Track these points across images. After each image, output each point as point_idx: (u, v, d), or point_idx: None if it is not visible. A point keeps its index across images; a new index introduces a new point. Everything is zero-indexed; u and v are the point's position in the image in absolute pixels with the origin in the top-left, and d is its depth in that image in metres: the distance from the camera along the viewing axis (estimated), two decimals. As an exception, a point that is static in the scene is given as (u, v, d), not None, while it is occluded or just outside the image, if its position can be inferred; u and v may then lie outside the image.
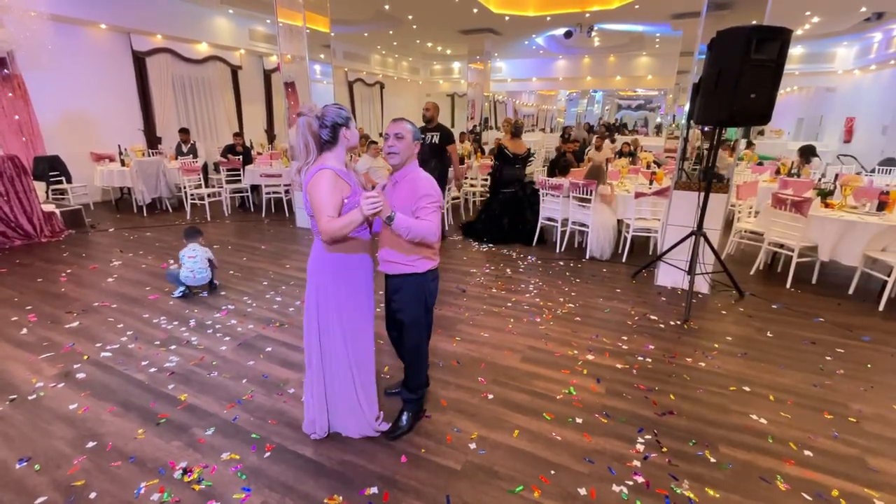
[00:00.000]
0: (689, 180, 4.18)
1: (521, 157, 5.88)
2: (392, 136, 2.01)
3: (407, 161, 2.05)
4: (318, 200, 1.84)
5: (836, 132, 13.50)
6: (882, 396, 2.65)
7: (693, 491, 1.94)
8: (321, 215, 1.83)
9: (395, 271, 2.12)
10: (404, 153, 2.02)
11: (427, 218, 1.94)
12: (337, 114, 1.92)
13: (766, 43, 3.26)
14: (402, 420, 2.29)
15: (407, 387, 2.32)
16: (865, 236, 4.00)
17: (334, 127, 1.91)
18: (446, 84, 19.97)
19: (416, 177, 2.04)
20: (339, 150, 1.96)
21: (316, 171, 1.88)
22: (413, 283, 2.11)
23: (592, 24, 11.15)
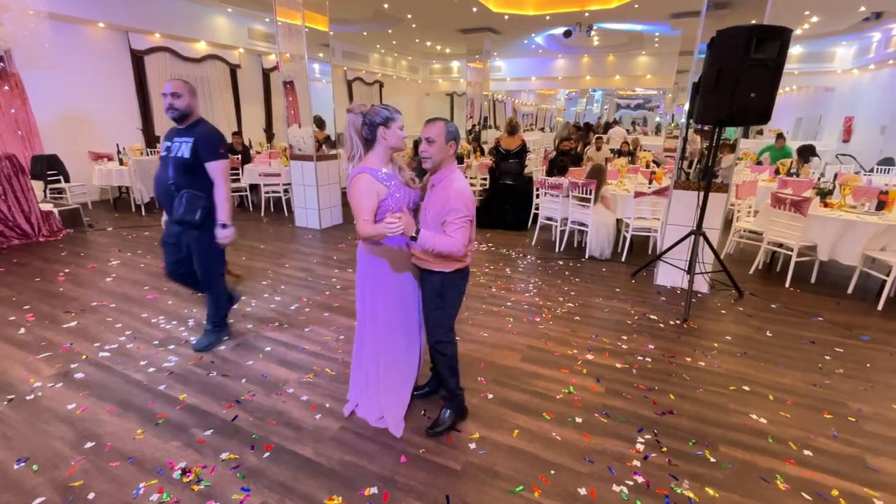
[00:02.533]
0: (689, 180, 4.18)
1: (512, 151, 6.48)
2: (424, 141, 1.97)
3: (442, 164, 2.01)
4: (355, 203, 1.99)
5: (834, 132, 13.51)
6: (881, 396, 2.66)
7: (693, 491, 1.94)
8: (358, 218, 1.98)
9: (423, 266, 2.12)
10: (436, 157, 1.97)
11: (453, 234, 1.93)
12: (377, 112, 1.98)
13: (765, 42, 3.26)
14: (444, 415, 2.31)
15: (440, 381, 2.32)
16: (864, 236, 4.01)
17: (372, 126, 1.98)
18: (445, 83, 19.95)
19: (448, 185, 1.98)
20: (379, 149, 2.03)
21: (356, 174, 1.99)
22: (434, 277, 2.10)
23: (592, 23, 11.15)
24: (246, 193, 7.73)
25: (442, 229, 1.97)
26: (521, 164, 6.59)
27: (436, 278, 2.10)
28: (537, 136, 15.71)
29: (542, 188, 5.64)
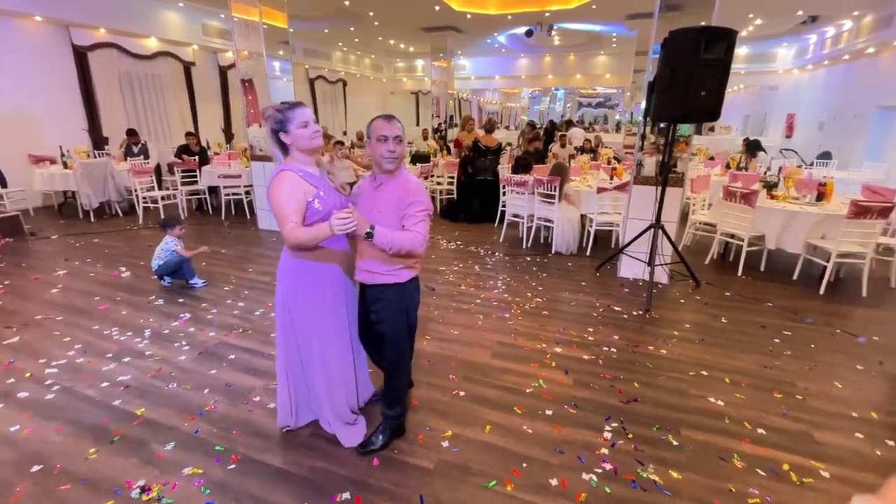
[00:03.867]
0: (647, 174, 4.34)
1: (492, 149, 6.77)
2: (392, 140, 1.84)
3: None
4: (278, 206, 1.80)
5: (778, 128, 14.36)
6: (824, 374, 2.85)
7: (658, 474, 2.02)
8: (284, 222, 1.78)
9: (373, 281, 1.98)
10: (401, 156, 1.91)
11: (414, 228, 1.82)
12: (271, 118, 1.83)
13: (714, 43, 3.42)
14: (377, 437, 2.14)
15: (385, 401, 2.17)
16: (806, 225, 4.28)
17: (272, 132, 1.86)
18: (410, 82, 19.87)
19: (404, 180, 1.91)
20: (296, 153, 1.89)
21: (277, 172, 1.84)
22: (394, 293, 1.97)
23: (552, 23, 11.38)
24: (205, 196, 7.43)
25: (399, 225, 1.86)
26: (497, 162, 6.88)
27: (392, 293, 1.97)
28: (503, 134, 15.88)
29: (508, 186, 5.71)
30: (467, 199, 6.92)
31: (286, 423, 2.23)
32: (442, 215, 7.12)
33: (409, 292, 2.01)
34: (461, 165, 7.08)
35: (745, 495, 1.92)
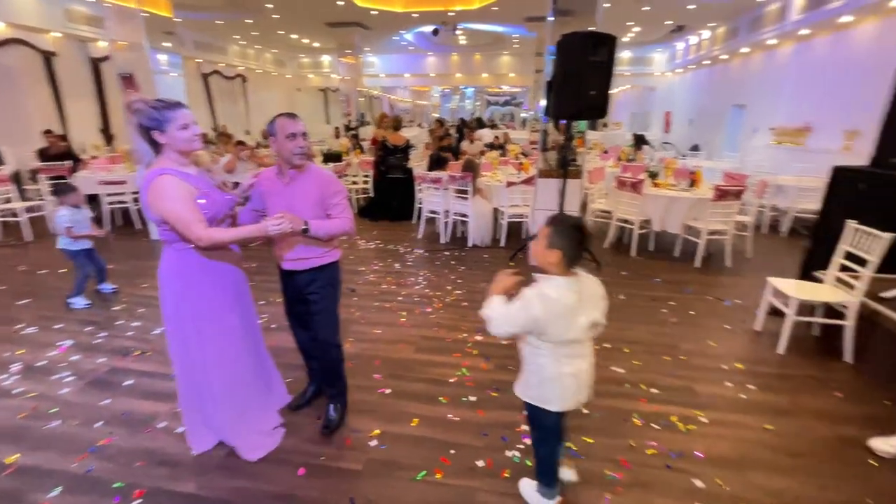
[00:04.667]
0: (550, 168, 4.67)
1: (400, 147, 6.72)
2: (300, 136, 1.92)
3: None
4: (172, 212, 1.69)
5: (659, 124, 16.20)
6: (702, 335, 3.31)
7: (573, 441, 2.21)
8: (190, 225, 1.70)
9: (307, 266, 2.07)
10: (309, 151, 2.00)
11: (342, 215, 2.01)
12: (146, 114, 1.69)
13: (599, 47, 3.77)
14: (331, 412, 2.27)
15: (327, 381, 2.32)
16: (683, 208, 4.92)
17: (144, 129, 1.72)
18: (317, 78, 19.15)
19: (318, 172, 2.03)
20: (170, 153, 1.76)
21: (154, 176, 1.70)
22: (328, 269, 2.13)
23: (456, 22, 11.67)
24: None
25: (323, 215, 1.99)
26: (406, 159, 6.89)
27: (329, 272, 2.12)
28: (415, 132, 15.98)
29: (423, 183, 5.78)
30: (385, 197, 6.90)
31: (200, 445, 2.08)
32: (361, 214, 7.03)
33: (338, 268, 2.19)
34: (376, 164, 7.05)
35: (644, 448, 2.18)
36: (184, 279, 1.86)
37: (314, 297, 2.13)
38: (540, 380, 1.60)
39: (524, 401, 1.69)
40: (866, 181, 3.26)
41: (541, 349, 1.57)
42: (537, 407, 1.64)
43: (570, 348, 1.56)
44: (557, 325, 1.49)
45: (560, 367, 1.56)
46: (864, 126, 6.22)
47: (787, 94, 8.73)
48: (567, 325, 1.51)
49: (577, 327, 1.52)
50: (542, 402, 1.62)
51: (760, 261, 4.99)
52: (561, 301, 1.47)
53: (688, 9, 9.82)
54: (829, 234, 3.22)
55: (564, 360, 1.56)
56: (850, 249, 2.93)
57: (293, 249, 2.04)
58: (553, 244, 1.46)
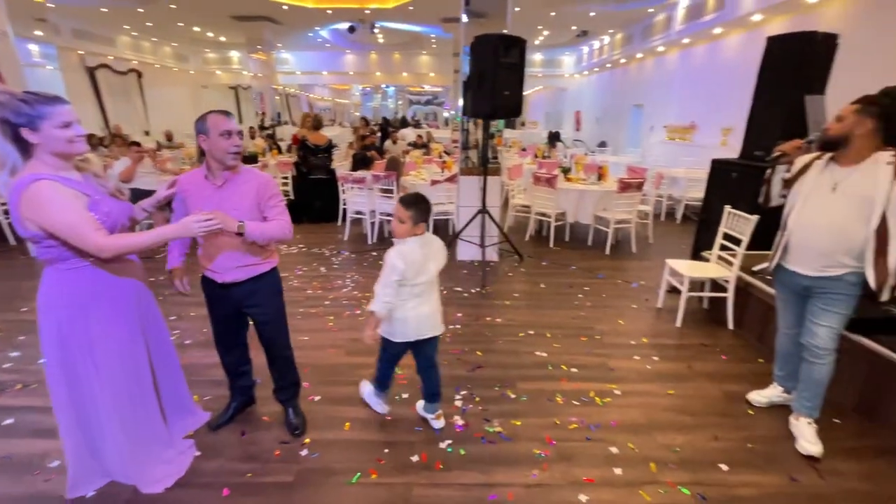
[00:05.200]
0: (471, 166, 4.81)
1: (322, 147, 6.51)
2: (235, 134, 1.82)
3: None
4: (63, 222, 1.47)
5: (570, 122, 17.31)
6: (613, 316, 3.62)
7: (502, 426, 2.31)
8: (86, 234, 1.49)
9: (248, 275, 1.97)
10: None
11: (280, 217, 1.92)
12: (15, 108, 1.43)
13: (510, 49, 3.94)
14: (291, 416, 2.25)
15: (284, 387, 2.26)
16: (593, 200, 5.32)
17: (10, 126, 1.44)
18: (226, 75, 17.90)
19: (254, 173, 1.94)
20: (45, 156, 1.51)
21: (25, 185, 1.44)
22: (270, 277, 2.06)
23: (373, 21, 11.53)
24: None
25: (259, 218, 1.92)
26: (329, 159, 6.68)
27: (268, 278, 2.05)
28: (337, 131, 15.57)
29: (346, 183, 5.66)
30: (307, 199, 6.66)
31: (79, 488, 1.84)
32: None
33: (278, 274, 2.12)
34: (297, 165, 6.78)
35: (567, 424, 2.34)
36: (71, 305, 1.63)
37: (257, 310, 2.05)
38: (390, 318, 2.05)
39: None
40: (737, 171, 3.77)
41: (411, 292, 2.01)
42: (385, 338, 2.14)
43: (419, 292, 2.02)
44: (416, 271, 1.97)
45: (406, 311, 2.03)
46: (736, 124, 7.17)
47: (676, 96, 9.78)
48: (419, 270, 1.99)
49: (427, 272, 2.02)
50: (389, 335, 2.11)
51: (660, 245, 5.56)
52: (414, 252, 1.96)
53: (590, 16, 10.60)
54: (712, 219, 3.68)
55: (411, 304, 2.02)
56: (727, 231, 3.37)
57: (226, 258, 1.91)
58: (404, 213, 1.95)
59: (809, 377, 2.16)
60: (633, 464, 2.08)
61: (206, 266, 1.96)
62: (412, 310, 2.03)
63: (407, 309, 2.02)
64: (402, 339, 2.08)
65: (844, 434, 2.29)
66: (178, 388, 2.13)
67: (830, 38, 3.46)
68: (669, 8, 9.19)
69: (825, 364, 2.10)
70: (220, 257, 1.92)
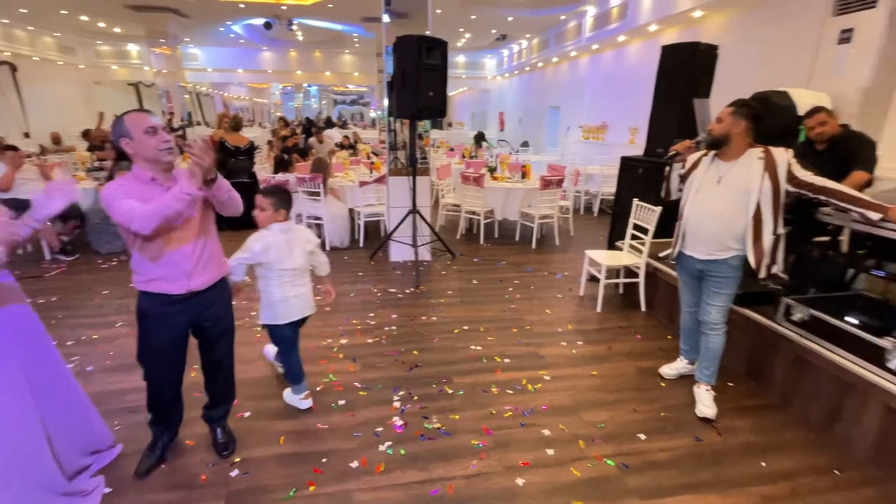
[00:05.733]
0: (399, 167, 4.81)
1: (242, 148, 6.15)
2: (161, 129, 1.69)
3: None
4: None
5: (495, 123, 17.88)
6: (541, 306, 3.81)
7: (441, 422, 2.35)
8: None
9: (216, 278, 1.89)
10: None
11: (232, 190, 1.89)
12: None
13: (432, 50, 4.00)
14: (220, 436, 2.12)
15: (223, 402, 2.15)
16: (518, 198, 5.56)
17: None
18: (123, 70, 16.19)
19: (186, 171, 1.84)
20: None
21: None
22: (225, 282, 2.00)
23: (290, 17, 11.07)
24: None
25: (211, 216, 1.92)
26: (251, 162, 6.31)
27: (223, 285, 1.98)
28: (257, 132, 14.72)
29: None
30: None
31: None
32: None
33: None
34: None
35: (503, 412, 2.43)
36: None
37: (215, 322, 1.93)
38: (270, 303, 2.22)
39: (263, 324, 2.29)
40: (643, 167, 4.14)
41: (270, 280, 2.21)
42: (272, 325, 2.27)
43: (291, 278, 2.22)
44: (279, 255, 2.16)
45: (284, 292, 2.21)
46: (641, 124, 7.85)
47: (589, 98, 10.49)
48: (285, 254, 2.18)
49: (294, 257, 2.21)
50: (273, 320, 2.25)
51: (580, 237, 5.94)
52: (274, 236, 2.15)
53: (508, 20, 11.03)
54: (623, 211, 4.01)
55: (287, 287, 2.22)
56: (637, 222, 3.69)
57: (196, 255, 1.78)
58: (264, 201, 2.16)
59: (707, 348, 2.44)
60: (564, 443, 2.22)
61: (164, 275, 1.73)
62: (291, 291, 2.23)
63: (286, 291, 2.22)
64: (287, 321, 2.24)
65: (738, 395, 2.62)
66: (79, 425, 1.90)
67: (712, 49, 3.93)
68: (579, 16, 9.83)
69: (719, 336, 2.39)
70: (190, 256, 1.76)
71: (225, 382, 2.14)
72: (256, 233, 2.17)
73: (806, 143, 3.06)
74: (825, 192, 2.08)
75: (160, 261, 1.72)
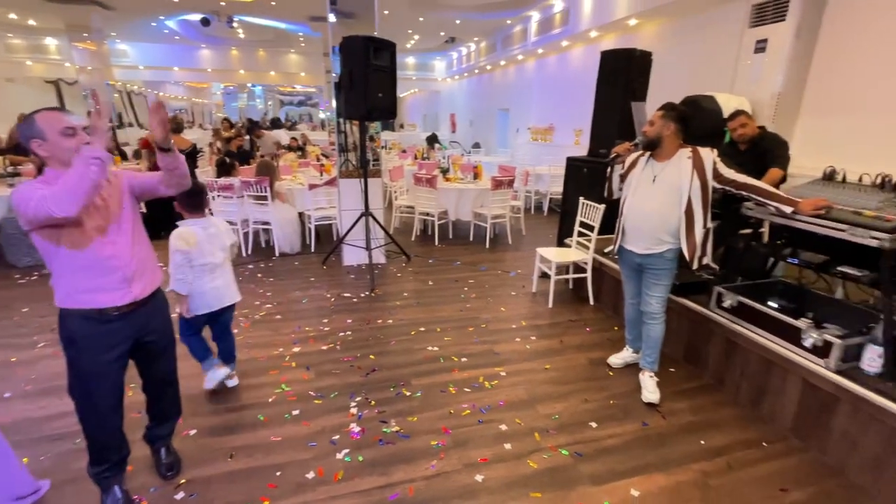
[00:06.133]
0: (351, 169, 4.73)
1: (185, 152, 5.65)
2: (80, 129, 1.55)
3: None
4: None
5: (447, 124, 18.00)
6: (496, 304, 3.88)
7: (399, 425, 2.33)
8: None
9: (155, 286, 1.78)
10: None
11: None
12: None
13: (380, 52, 3.97)
14: (164, 457, 2.00)
15: (170, 418, 2.03)
16: (470, 198, 5.63)
17: None
18: (40, 66, 14.78)
19: (114, 172, 1.74)
20: None
21: None
22: (161, 295, 1.87)
23: (231, 13, 10.59)
24: None
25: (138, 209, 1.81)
26: (194, 165, 5.89)
27: (160, 296, 1.87)
28: (197, 134, 13.91)
29: (211, 191, 5.12)
30: (166, 212, 5.83)
31: None
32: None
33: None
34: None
35: (461, 411, 2.46)
36: None
37: (157, 336, 1.81)
38: (190, 294, 2.27)
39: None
40: (587, 167, 4.33)
41: (201, 271, 2.27)
42: (188, 317, 2.32)
43: (212, 270, 2.31)
44: (200, 250, 2.24)
45: (204, 284, 2.29)
46: (585, 125, 8.19)
47: (536, 100, 10.81)
48: (206, 250, 2.27)
49: (213, 251, 2.30)
50: (193, 311, 2.30)
51: (532, 236, 6.11)
52: (191, 232, 2.24)
53: (456, 23, 11.15)
54: (571, 210, 4.17)
55: (208, 278, 2.30)
56: (583, 220, 3.85)
57: (134, 259, 1.65)
58: (181, 203, 2.28)
59: (648, 337, 2.59)
60: (521, 437, 2.27)
61: (100, 286, 1.55)
62: (208, 283, 2.31)
63: (204, 284, 2.30)
64: (204, 311, 2.34)
65: (678, 379, 2.80)
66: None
67: (646, 55, 4.18)
68: (525, 21, 10.11)
69: (659, 324, 2.54)
70: (130, 259, 1.62)
71: (171, 399, 2.02)
72: (175, 232, 2.23)
73: (730, 143, 3.32)
74: (746, 188, 2.28)
75: (94, 269, 1.53)
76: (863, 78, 3.80)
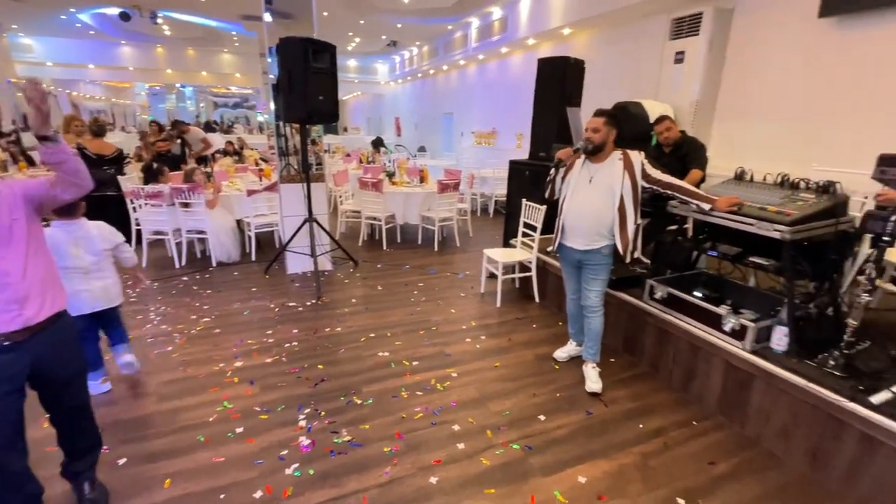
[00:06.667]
0: (292, 173, 4.57)
1: (108, 157, 5.40)
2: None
3: None
4: None
5: (391, 128, 17.91)
6: (446, 306, 3.91)
7: (351, 434, 2.29)
8: None
9: (44, 316, 1.50)
10: None
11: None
12: None
13: (320, 53, 3.87)
14: (88, 492, 1.80)
15: (88, 450, 1.83)
16: (417, 202, 5.64)
17: None
18: (-77, 61, 12.97)
19: (4, 182, 1.58)
20: None
21: None
22: (65, 321, 1.65)
23: (154, 9, 9.90)
24: None
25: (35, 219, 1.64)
26: (121, 172, 5.47)
27: (63, 322, 1.66)
28: (120, 137, 12.81)
29: (137, 199, 4.76)
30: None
31: None
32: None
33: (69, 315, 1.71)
34: None
35: (414, 415, 2.45)
36: None
37: (60, 367, 1.60)
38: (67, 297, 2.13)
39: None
40: (528, 170, 4.48)
41: (69, 275, 2.25)
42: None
43: (81, 274, 2.31)
44: (57, 254, 2.13)
45: (76, 286, 2.28)
46: (526, 129, 8.48)
47: (478, 105, 11.04)
48: (64, 253, 2.22)
49: (81, 255, 2.29)
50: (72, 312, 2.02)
51: (479, 237, 6.23)
52: (54, 237, 2.18)
53: (397, 27, 11.13)
54: (514, 211, 4.30)
55: (80, 281, 2.31)
56: (526, 220, 3.98)
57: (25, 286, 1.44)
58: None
59: (589, 329, 2.73)
60: (473, 435, 2.30)
61: None
62: (82, 286, 2.31)
63: (77, 284, 2.28)
64: (77, 313, 2.28)
65: (618, 369, 2.97)
66: None
67: (579, 63, 4.40)
68: (465, 27, 10.30)
69: (598, 317, 2.69)
70: (21, 276, 1.42)
71: (86, 430, 1.82)
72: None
73: (656, 146, 3.58)
74: (671, 187, 2.48)
75: None
76: (765, 87, 4.25)
